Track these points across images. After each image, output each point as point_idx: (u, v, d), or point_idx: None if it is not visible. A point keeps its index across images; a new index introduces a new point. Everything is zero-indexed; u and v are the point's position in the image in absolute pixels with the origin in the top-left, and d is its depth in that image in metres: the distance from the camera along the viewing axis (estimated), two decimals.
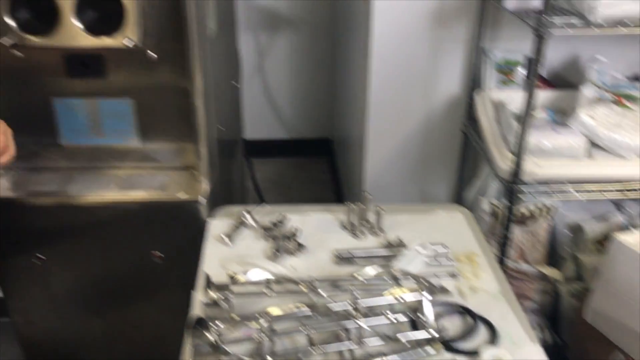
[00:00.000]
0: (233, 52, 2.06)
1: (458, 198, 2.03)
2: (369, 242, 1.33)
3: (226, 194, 1.81)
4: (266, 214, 1.39)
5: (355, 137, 2.24)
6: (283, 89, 3.24)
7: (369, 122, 1.94)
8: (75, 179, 1.50)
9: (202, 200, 1.44)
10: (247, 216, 1.36)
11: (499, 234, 1.68)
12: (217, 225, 1.37)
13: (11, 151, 1.20)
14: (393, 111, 1.92)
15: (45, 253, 1.51)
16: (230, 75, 1.96)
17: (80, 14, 1.30)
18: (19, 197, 1.45)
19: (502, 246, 1.66)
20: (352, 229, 1.36)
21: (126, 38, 1.32)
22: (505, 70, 1.83)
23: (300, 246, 1.27)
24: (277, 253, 1.25)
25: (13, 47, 1.33)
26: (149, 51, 1.38)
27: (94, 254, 1.52)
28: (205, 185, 1.48)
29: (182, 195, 1.44)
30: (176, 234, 1.49)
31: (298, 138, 3.36)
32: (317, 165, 3.31)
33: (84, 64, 1.40)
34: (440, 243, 1.28)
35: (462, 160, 1.99)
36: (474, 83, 1.84)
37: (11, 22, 1.30)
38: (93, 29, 1.31)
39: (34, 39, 1.31)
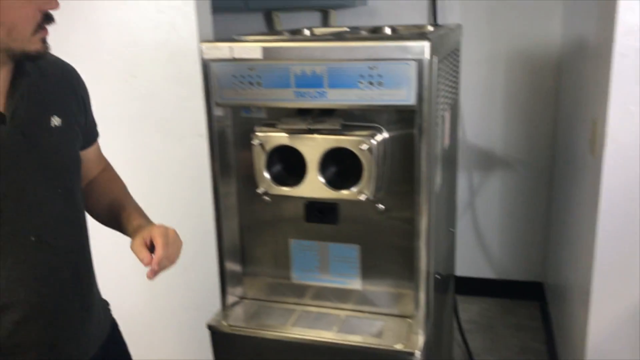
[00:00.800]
0: (452, 199, 2.10)
1: None
2: None
3: (437, 337, 1.78)
4: None
5: (576, 290, 2.09)
6: (493, 228, 3.18)
7: (595, 280, 1.80)
8: (300, 316, 1.61)
9: (418, 354, 1.44)
10: None
11: None
12: None
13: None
14: (625, 269, 1.76)
15: None
16: (448, 222, 1.99)
17: (323, 170, 1.45)
18: (248, 327, 1.59)
19: None
20: None
21: (361, 193, 1.43)
22: None
23: None
24: None
25: (264, 195, 1.53)
26: (379, 204, 1.48)
27: None
28: (421, 338, 1.48)
29: (399, 347, 1.45)
30: None
31: (506, 279, 3.23)
32: (526, 310, 3.11)
33: (321, 212, 1.55)
34: None
35: None
36: None
37: (266, 175, 1.50)
38: (333, 183, 1.46)
39: (283, 189, 1.50)
